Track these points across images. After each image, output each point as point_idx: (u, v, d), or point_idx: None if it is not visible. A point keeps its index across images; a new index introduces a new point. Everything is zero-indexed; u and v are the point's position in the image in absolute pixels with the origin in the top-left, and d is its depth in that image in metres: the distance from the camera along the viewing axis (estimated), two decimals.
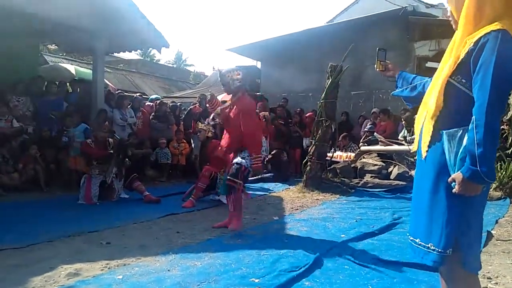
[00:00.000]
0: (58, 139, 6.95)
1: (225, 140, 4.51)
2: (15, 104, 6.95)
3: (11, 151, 6.02)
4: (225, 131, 4.59)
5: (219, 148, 4.63)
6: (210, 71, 28.88)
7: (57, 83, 8.09)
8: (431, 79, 1.90)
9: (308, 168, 6.99)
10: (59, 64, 11.43)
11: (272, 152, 8.72)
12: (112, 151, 5.80)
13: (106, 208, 5.27)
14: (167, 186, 7.42)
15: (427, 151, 1.75)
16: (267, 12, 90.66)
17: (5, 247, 3.35)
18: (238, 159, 4.20)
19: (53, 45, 11.66)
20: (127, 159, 5.93)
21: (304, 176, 7.07)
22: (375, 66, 2.26)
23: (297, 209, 5.50)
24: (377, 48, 2.30)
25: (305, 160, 7.28)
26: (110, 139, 5.99)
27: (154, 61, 30.09)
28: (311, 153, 7.06)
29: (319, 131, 7.05)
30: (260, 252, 3.44)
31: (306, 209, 5.49)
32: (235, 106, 4.29)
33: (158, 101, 8.97)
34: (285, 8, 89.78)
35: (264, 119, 8.38)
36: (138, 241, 3.73)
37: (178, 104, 10.18)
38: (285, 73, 11.26)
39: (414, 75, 2.14)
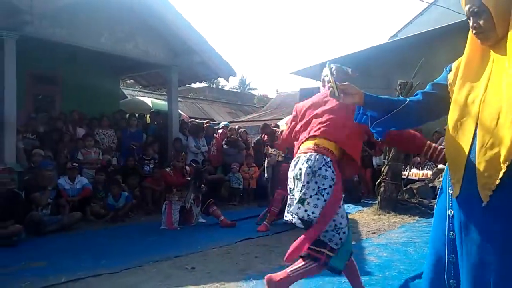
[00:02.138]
0: (140, 168, 7.46)
1: None
2: (101, 137, 7.62)
3: (100, 180, 6.57)
4: None
5: None
6: (273, 94, 29.40)
7: (136, 115, 8.74)
8: (411, 98, 1.60)
9: (382, 189, 6.78)
10: (137, 97, 12.36)
11: None
12: (189, 178, 6.11)
13: (187, 232, 5.53)
14: (239, 210, 7.59)
15: (491, 195, 1.33)
16: (328, 32, 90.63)
17: (101, 272, 3.64)
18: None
19: (130, 80, 12.69)
20: (203, 185, 6.19)
21: (378, 197, 6.85)
22: (332, 91, 1.67)
23: (374, 232, 5.34)
24: (328, 64, 1.78)
25: (378, 180, 7.07)
26: (187, 167, 6.32)
27: (220, 87, 31.29)
28: (384, 173, 6.85)
29: (392, 150, 6.83)
30: (340, 279, 3.39)
31: (383, 233, 5.31)
32: None
33: (228, 128, 9.30)
34: (346, 26, 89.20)
35: None
36: (219, 266, 3.86)
37: (244, 129, 10.48)
38: None
39: (383, 96, 1.73)
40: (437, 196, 1.63)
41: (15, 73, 5.93)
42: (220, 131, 9.33)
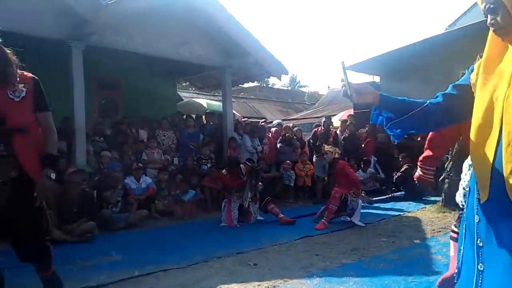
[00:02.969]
0: (198, 167, 7.72)
1: None
2: (162, 139, 7.97)
3: (163, 179, 6.89)
4: None
5: None
6: (324, 90, 29.04)
7: (193, 116, 9.03)
8: (431, 100, 1.53)
9: (446, 185, 6.48)
10: (193, 99, 12.76)
11: (402, 169, 8.32)
12: (245, 178, 6.21)
13: (246, 230, 5.65)
14: (295, 207, 7.61)
15: None
16: (380, 25, 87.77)
17: (169, 267, 3.82)
18: None
19: (186, 82, 13.11)
20: (260, 184, 6.28)
21: (442, 194, 6.57)
22: (345, 90, 1.61)
23: (440, 231, 5.14)
24: (341, 62, 1.69)
25: (442, 177, 6.77)
26: (242, 166, 6.44)
27: (270, 86, 31.41)
28: (448, 169, 6.54)
29: (456, 145, 6.50)
30: (407, 278, 3.32)
31: (450, 231, 5.08)
32: None
33: (282, 126, 9.35)
34: (401, 17, 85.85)
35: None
36: (281, 263, 3.92)
37: (298, 127, 10.47)
38: (407, 85, 10.69)
39: (401, 98, 1.64)
40: (465, 198, 1.55)
41: (83, 80, 6.37)
42: (273, 129, 9.40)
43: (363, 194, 7.17)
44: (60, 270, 3.69)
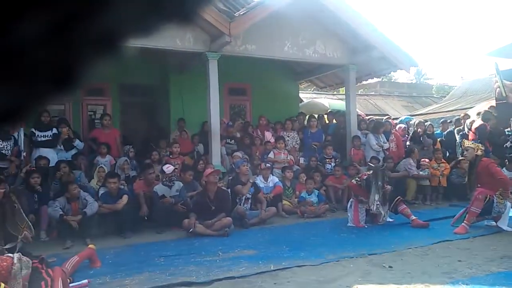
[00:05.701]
0: (322, 166, 7.76)
1: None
2: (286, 140, 8.22)
3: (289, 178, 7.13)
4: None
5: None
6: (454, 81, 26.38)
7: (316, 116, 9.11)
8: None
9: None
10: (314, 99, 12.86)
11: None
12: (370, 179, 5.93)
13: (376, 231, 5.49)
14: (429, 209, 7.11)
15: None
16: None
17: (303, 264, 3.94)
18: None
19: (305, 83, 13.28)
20: (388, 186, 5.98)
21: None
22: (500, 91, 1.30)
23: None
24: (495, 63, 1.34)
25: None
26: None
27: (392, 80, 29.75)
28: None
29: None
30: None
31: None
32: None
33: (411, 122, 8.84)
34: None
35: None
36: (419, 267, 3.73)
37: (428, 122, 9.73)
38: None
39: None
40: None
41: (217, 88, 6.95)
42: (401, 125, 8.93)
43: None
44: (205, 261, 4.16)
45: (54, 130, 6.52)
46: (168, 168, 5.97)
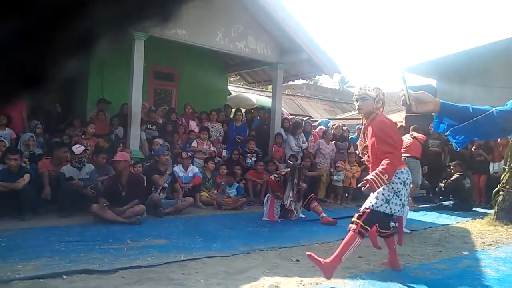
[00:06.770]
0: (243, 160, 7.83)
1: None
2: (211, 130, 8.15)
3: (210, 169, 7.07)
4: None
5: None
6: None
7: (242, 110, 9.16)
8: (497, 108, 1.41)
9: (500, 198, 6.17)
10: (242, 93, 12.91)
11: (453, 178, 7.99)
12: (287, 176, 6.14)
13: (288, 226, 5.68)
14: (339, 208, 7.53)
15: None
16: (438, 27, 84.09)
17: (214, 255, 3.94)
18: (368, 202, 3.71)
19: (237, 76, 13.31)
20: (303, 184, 6.22)
21: (495, 207, 6.26)
22: (405, 99, 1.62)
23: (491, 244, 4.91)
24: (402, 71, 1.68)
25: (496, 189, 6.45)
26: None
27: (318, 84, 31.06)
28: (504, 181, 6.23)
29: None
30: None
31: (502, 246, 4.86)
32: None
33: (328, 124, 9.27)
34: (460, 19, 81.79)
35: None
36: None
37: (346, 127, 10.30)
38: (465, 90, 10.24)
39: (462, 105, 1.56)
40: None
41: (141, 70, 6.65)
42: (319, 127, 9.33)
43: (410, 200, 6.97)
44: (111, 248, 3.96)
45: None
46: (78, 149, 5.59)
